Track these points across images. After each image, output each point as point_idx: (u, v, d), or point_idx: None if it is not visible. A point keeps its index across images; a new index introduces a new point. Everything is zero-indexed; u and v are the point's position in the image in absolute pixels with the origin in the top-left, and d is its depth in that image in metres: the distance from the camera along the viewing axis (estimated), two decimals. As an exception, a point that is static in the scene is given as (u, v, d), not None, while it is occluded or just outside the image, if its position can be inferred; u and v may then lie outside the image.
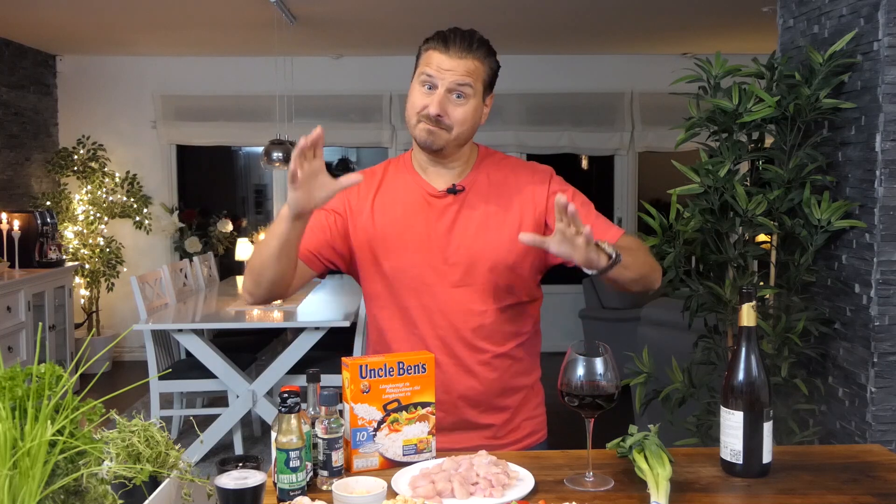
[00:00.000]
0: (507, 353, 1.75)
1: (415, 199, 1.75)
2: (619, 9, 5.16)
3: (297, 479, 1.31)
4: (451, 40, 1.64)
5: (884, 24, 2.38)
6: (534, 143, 6.82)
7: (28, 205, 6.15)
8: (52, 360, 1.08)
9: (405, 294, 1.73)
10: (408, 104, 1.70)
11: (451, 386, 1.72)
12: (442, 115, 1.64)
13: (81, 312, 6.51)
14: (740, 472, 1.42)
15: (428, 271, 1.71)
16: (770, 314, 2.64)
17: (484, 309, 1.71)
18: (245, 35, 5.78)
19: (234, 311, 4.50)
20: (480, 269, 1.70)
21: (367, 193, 1.77)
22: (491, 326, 1.72)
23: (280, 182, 7.02)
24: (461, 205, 1.73)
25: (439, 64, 1.64)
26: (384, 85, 6.73)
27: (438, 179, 1.75)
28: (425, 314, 1.72)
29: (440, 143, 1.68)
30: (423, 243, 1.72)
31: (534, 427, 1.83)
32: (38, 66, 6.49)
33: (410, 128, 1.71)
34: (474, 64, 1.65)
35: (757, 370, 1.43)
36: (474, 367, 1.73)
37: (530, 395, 1.81)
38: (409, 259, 1.71)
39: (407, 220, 1.73)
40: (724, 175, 2.57)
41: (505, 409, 1.77)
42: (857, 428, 2.50)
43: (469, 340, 1.72)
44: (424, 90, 1.66)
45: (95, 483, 1.06)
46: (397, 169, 1.81)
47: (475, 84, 1.66)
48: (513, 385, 1.77)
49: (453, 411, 1.72)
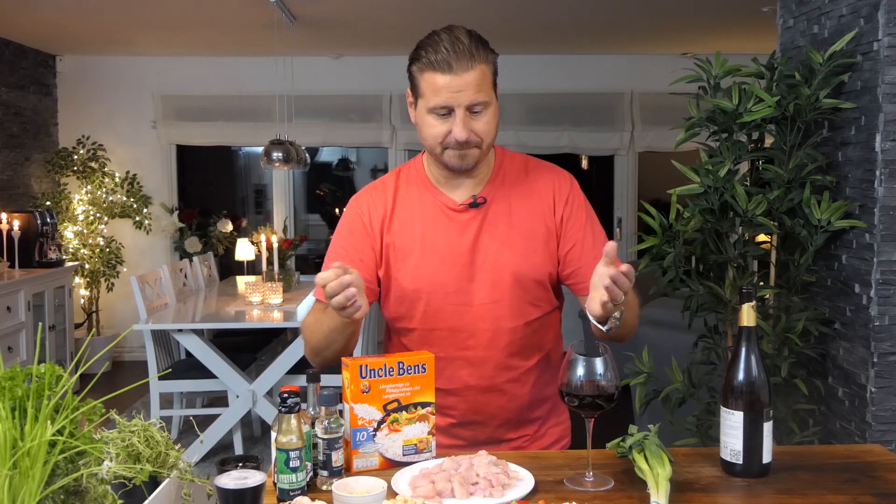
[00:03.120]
0: (535, 366, 1.69)
1: (434, 215, 1.66)
2: (619, 9, 5.16)
3: (297, 479, 1.31)
4: (451, 58, 1.51)
5: (884, 24, 2.38)
6: (534, 143, 6.81)
7: (28, 205, 6.15)
8: (52, 360, 1.08)
9: (429, 316, 1.65)
10: (423, 134, 1.59)
11: (481, 407, 1.67)
12: (469, 137, 1.55)
13: (81, 312, 6.51)
14: (740, 472, 1.42)
15: (452, 290, 1.63)
16: (770, 314, 2.64)
17: (513, 325, 1.65)
18: (245, 35, 5.78)
19: (234, 311, 4.50)
20: (506, 284, 1.63)
21: (379, 212, 1.67)
22: (521, 342, 1.66)
23: (280, 182, 7.02)
24: (483, 218, 1.64)
25: (448, 87, 1.52)
26: (384, 85, 6.72)
27: (457, 191, 1.66)
28: (451, 335, 1.64)
29: (473, 161, 1.59)
30: (444, 261, 1.63)
31: (560, 433, 1.78)
32: (38, 66, 6.49)
33: (435, 156, 1.60)
34: (480, 71, 1.54)
35: (757, 370, 1.43)
36: (504, 385, 1.67)
37: (557, 401, 1.72)
38: (432, 279, 1.63)
39: (427, 238, 1.64)
40: (724, 175, 2.57)
41: (534, 421, 1.73)
42: (857, 428, 2.50)
43: (498, 359, 1.65)
44: (438, 116, 1.55)
45: (95, 483, 1.06)
46: (409, 181, 1.70)
47: (488, 91, 1.56)
48: (541, 395, 1.72)
49: (484, 431, 1.68)
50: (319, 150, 7.67)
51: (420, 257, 1.64)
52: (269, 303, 4.61)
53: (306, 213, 8.87)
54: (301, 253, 6.68)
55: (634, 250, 2.84)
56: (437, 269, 1.63)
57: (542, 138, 6.85)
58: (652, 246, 2.68)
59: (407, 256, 1.65)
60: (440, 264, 1.63)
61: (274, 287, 4.66)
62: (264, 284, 4.68)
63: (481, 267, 1.63)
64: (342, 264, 1.40)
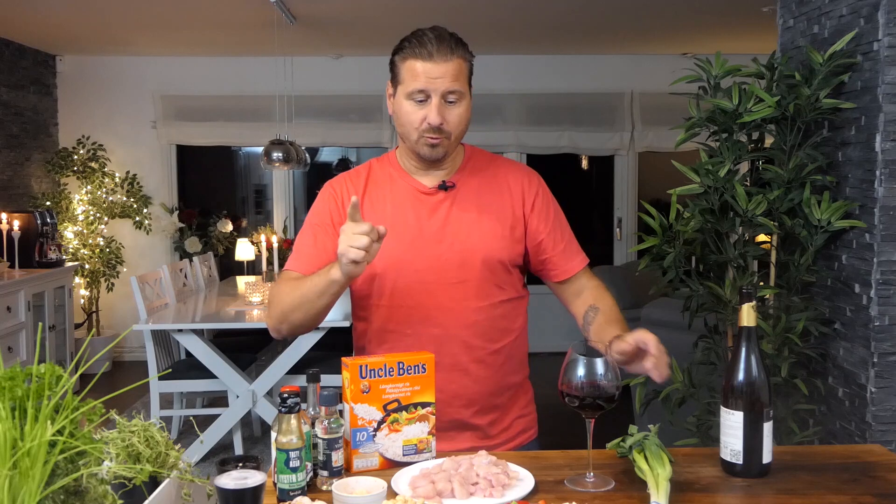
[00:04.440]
0: (499, 350, 1.75)
1: (405, 196, 1.74)
2: (619, 9, 5.16)
3: (297, 479, 1.31)
4: (432, 46, 1.62)
5: (884, 24, 2.38)
6: (534, 143, 6.81)
7: (28, 205, 6.15)
8: (51, 361, 1.08)
9: (398, 293, 1.71)
10: (400, 120, 1.68)
11: (444, 385, 1.69)
12: (442, 123, 1.64)
13: (81, 312, 6.51)
14: (740, 472, 1.42)
15: (422, 268, 1.70)
16: (770, 314, 2.64)
17: (479, 305, 1.71)
18: (245, 35, 5.78)
19: (234, 311, 4.50)
20: (474, 264, 1.70)
21: (351, 194, 1.72)
22: (486, 323, 1.72)
23: (280, 182, 7.02)
24: (453, 201, 1.73)
25: (427, 73, 1.62)
26: (384, 85, 6.68)
27: (427, 178, 1.75)
28: (419, 312, 1.70)
29: (443, 152, 1.68)
30: (415, 240, 1.70)
31: (525, 424, 1.83)
32: (38, 66, 6.49)
33: (410, 143, 1.70)
34: (458, 64, 1.64)
35: (757, 370, 1.43)
36: (468, 365, 1.72)
37: (520, 392, 1.81)
38: (401, 256, 1.69)
39: (397, 217, 1.71)
40: (724, 175, 2.57)
41: (496, 408, 1.77)
42: (857, 428, 2.50)
43: (464, 338, 1.71)
44: (415, 103, 1.65)
45: (95, 483, 1.06)
46: (382, 167, 1.80)
47: (463, 84, 1.66)
48: (505, 383, 1.77)
49: (446, 411, 1.70)
50: (319, 150, 7.67)
51: (390, 236, 1.66)
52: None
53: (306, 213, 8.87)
54: (301, 253, 6.67)
55: (634, 250, 2.84)
56: (407, 248, 1.70)
57: (542, 138, 6.85)
58: (652, 246, 2.68)
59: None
60: (409, 244, 1.70)
61: (274, 287, 4.65)
62: (264, 284, 4.68)
63: (450, 247, 1.70)
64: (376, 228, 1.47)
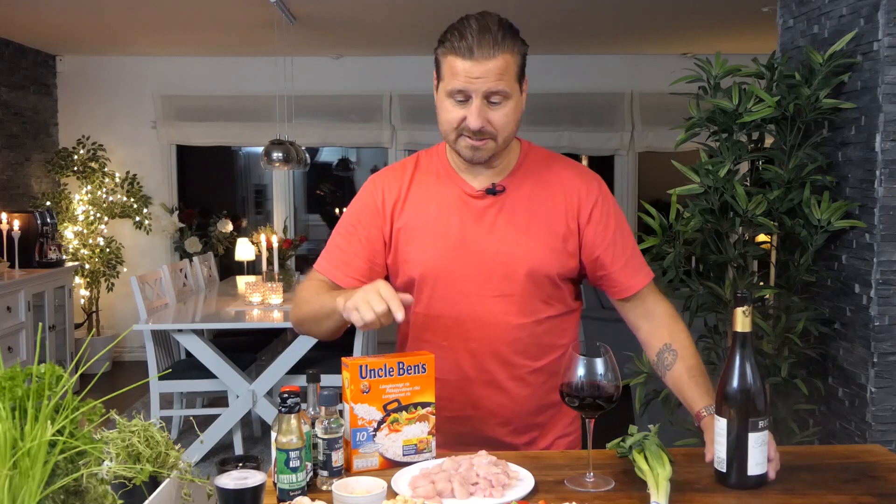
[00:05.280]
0: (541, 368, 1.63)
1: (450, 198, 1.60)
2: (619, 9, 5.16)
3: (297, 479, 1.31)
4: (473, 44, 1.45)
5: (884, 24, 2.38)
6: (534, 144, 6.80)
7: (28, 205, 6.15)
8: (52, 361, 1.08)
9: (435, 302, 1.60)
10: (439, 118, 1.54)
11: (480, 402, 1.61)
12: (484, 126, 1.49)
13: (81, 312, 6.50)
14: (720, 480, 1.39)
15: (461, 278, 1.58)
16: (770, 314, 2.64)
17: (522, 322, 1.59)
18: (245, 35, 5.78)
19: (234, 311, 4.50)
20: (518, 278, 1.57)
21: (393, 195, 1.63)
22: (527, 340, 1.60)
23: (280, 182, 7.02)
24: (501, 207, 1.58)
25: (466, 73, 1.46)
26: (384, 85, 6.71)
27: (477, 178, 1.60)
28: (456, 324, 1.59)
29: (487, 154, 1.54)
30: (456, 247, 1.58)
31: (569, 444, 1.70)
32: (38, 66, 6.49)
33: (449, 142, 1.56)
34: (504, 60, 1.47)
35: (749, 378, 1.37)
36: (506, 382, 1.61)
37: (564, 410, 1.64)
38: (440, 264, 1.58)
39: (440, 221, 1.59)
40: (724, 175, 2.57)
41: (536, 427, 1.65)
42: (857, 428, 2.50)
43: (503, 355, 1.60)
44: (455, 101, 1.50)
45: (95, 483, 1.06)
46: (430, 163, 1.65)
47: (510, 82, 1.49)
48: (546, 401, 1.64)
49: (480, 428, 1.62)
50: (319, 150, 7.67)
51: (431, 241, 1.59)
52: (269, 303, 4.61)
53: (306, 213, 8.88)
54: (301, 253, 6.67)
55: (634, 250, 2.83)
56: (448, 255, 1.58)
57: (542, 138, 6.84)
58: (652, 246, 2.68)
59: (418, 239, 1.60)
60: (451, 250, 1.58)
61: (274, 287, 4.66)
62: (264, 284, 4.68)
63: (494, 257, 1.57)
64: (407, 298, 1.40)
